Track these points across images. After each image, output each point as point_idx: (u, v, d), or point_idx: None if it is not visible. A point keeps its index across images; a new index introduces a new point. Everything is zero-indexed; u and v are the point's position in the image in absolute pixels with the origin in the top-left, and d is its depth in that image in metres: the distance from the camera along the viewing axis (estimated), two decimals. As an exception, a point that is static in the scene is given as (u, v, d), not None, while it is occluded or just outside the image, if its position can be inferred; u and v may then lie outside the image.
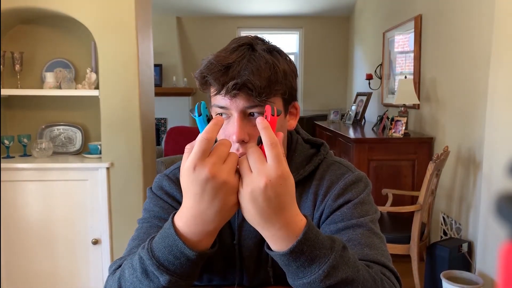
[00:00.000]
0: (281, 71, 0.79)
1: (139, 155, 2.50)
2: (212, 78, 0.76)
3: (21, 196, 2.43)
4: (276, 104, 0.80)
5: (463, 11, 2.73)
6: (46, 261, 2.47)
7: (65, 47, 2.68)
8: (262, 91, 0.75)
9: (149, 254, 0.66)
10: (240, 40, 0.81)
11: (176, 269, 0.65)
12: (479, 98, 2.47)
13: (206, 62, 0.78)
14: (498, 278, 0.24)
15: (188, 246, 0.64)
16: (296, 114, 0.89)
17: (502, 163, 2.11)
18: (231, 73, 0.75)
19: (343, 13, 6.24)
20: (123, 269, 0.72)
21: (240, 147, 0.77)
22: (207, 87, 0.80)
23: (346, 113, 4.91)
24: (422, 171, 2.77)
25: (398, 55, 4.03)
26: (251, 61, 0.76)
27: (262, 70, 0.76)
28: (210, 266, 0.90)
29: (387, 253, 0.81)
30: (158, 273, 0.65)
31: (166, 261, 0.65)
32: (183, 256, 0.64)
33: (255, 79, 0.74)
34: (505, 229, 0.24)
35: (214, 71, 0.76)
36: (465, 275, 2.22)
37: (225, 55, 0.77)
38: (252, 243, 0.89)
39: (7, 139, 2.51)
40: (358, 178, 0.88)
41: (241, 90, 0.75)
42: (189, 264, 0.65)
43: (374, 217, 0.84)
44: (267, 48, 0.80)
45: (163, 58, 5.78)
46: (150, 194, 0.91)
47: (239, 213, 0.88)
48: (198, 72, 0.79)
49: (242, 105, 0.76)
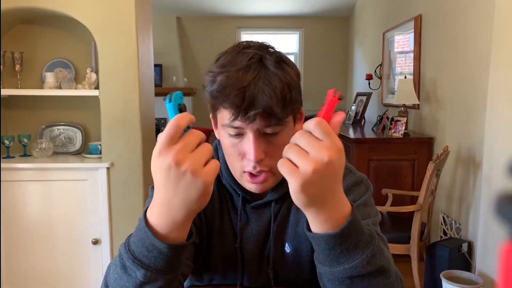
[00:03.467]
0: (295, 88, 0.78)
1: (139, 155, 2.50)
2: (229, 104, 0.73)
3: (21, 196, 2.43)
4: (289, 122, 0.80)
5: (463, 11, 2.73)
6: (46, 261, 2.47)
7: (65, 47, 2.69)
8: (281, 115, 0.75)
9: (126, 248, 0.65)
10: (248, 53, 0.76)
11: (151, 263, 0.62)
12: (479, 98, 2.47)
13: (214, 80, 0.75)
14: (498, 278, 0.24)
15: (158, 238, 0.61)
16: (301, 118, 0.89)
17: (502, 163, 2.11)
18: (248, 97, 0.72)
19: (343, 13, 6.24)
20: (109, 266, 0.72)
21: (257, 166, 0.77)
22: (219, 108, 0.77)
23: (346, 113, 4.91)
24: (422, 171, 2.77)
25: (398, 55, 4.03)
26: (266, 83, 0.73)
27: (278, 91, 0.74)
28: (210, 266, 0.91)
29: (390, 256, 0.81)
30: (134, 267, 0.63)
31: (140, 254, 0.62)
32: (155, 249, 0.61)
33: (273, 104, 0.73)
34: (505, 229, 0.24)
35: (230, 96, 0.73)
36: (465, 275, 2.22)
37: (237, 75, 0.73)
38: (254, 245, 0.89)
39: (7, 139, 2.51)
40: (359, 180, 0.88)
41: (260, 114, 0.74)
42: (162, 257, 0.62)
43: (376, 220, 0.84)
44: (276, 61, 0.77)
45: (163, 58, 5.78)
46: (152, 192, 0.92)
47: (241, 216, 0.89)
48: (209, 94, 0.76)
49: (259, 126, 0.75)
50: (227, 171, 0.88)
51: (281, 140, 0.78)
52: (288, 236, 0.89)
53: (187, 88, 5.92)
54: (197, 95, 6.19)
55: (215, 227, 0.90)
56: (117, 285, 0.67)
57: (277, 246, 0.89)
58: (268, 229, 0.89)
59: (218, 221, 0.90)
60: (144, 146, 2.55)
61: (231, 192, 0.90)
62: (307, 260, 0.88)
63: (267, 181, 0.81)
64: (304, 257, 0.88)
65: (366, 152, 3.12)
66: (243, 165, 0.79)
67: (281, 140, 0.78)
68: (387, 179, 3.09)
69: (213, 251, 0.90)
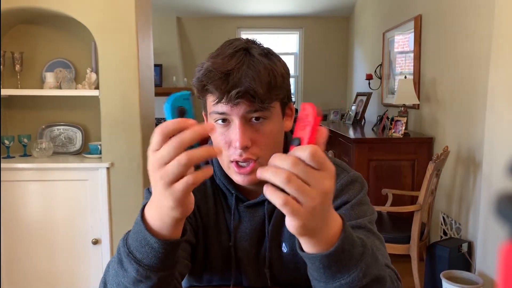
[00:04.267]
0: (280, 75, 0.79)
1: (139, 155, 2.50)
2: (213, 86, 0.75)
3: (21, 196, 2.43)
4: (275, 108, 0.80)
5: (463, 11, 2.73)
6: (46, 261, 2.47)
7: (65, 47, 2.69)
8: (264, 98, 0.75)
9: (124, 241, 0.65)
10: (235, 45, 0.79)
11: (143, 258, 0.62)
12: (479, 98, 2.47)
13: (202, 69, 0.77)
14: (498, 278, 0.24)
15: (151, 233, 0.60)
16: (291, 115, 0.89)
17: (502, 163, 2.11)
18: (232, 80, 0.74)
19: (343, 13, 6.24)
20: (108, 264, 0.72)
21: (243, 153, 0.77)
22: (206, 94, 0.79)
23: (346, 113, 4.91)
24: (422, 171, 2.77)
25: (398, 55, 4.03)
26: (251, 67, 0.75)
27: (262, 76, 0.76)
28: (208, 266, 0.91)
29: (387, 254, 0.81)
30: (127, 261, 0.63)
31: (135, 248, 0.62)
32: (147, 244, 0.61)
33: (256, 85, 0.74)
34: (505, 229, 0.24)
35: (214, 79, 0.75)
36: (465, 275, 2.22)
37: (222, 61, 0.76)
38: (248, 244, 0.89)
39: (7, 139, 2.51)
40: (354, 178, 0.88)
41: (243, 97, 0.75)
42: (153, 253, 0.61)
43: (372, 218, 0.84)
44: (263, 52, 0.80)
45: (163, 58, 5.78)
46: (147, 194, 0.91)
47: (234, 215, 0.89)
48: (196, 80, 0.78)
49: (243, 111, 0.76)
50: (220, 170, 0.88)
51: (268, 128, 0.79)
52: (285, 236, 0.88)
53: (187, 88, 5.92)
54: (197, 95, 6.19)
55: (211, 226, 0.90)
56: (114, 282, 0.67)
57: (274, 246, 0.89)
58: (263, 229, 0.89)
59: (214, 221, 0.90)
60: (144, 146, 2.55)
61: (224, 192, 0.90)
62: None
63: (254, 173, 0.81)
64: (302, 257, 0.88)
65: (366, 152, 3.12)
66: (229, 154, 0.79)
67: (267, 128, 0.79)
68: (387, 179, 3.09)
69: (211, 251, 0.90)
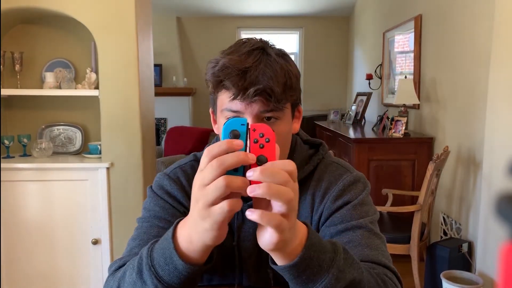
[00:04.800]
0: (294, 77, 0.79)
1: (139, 155, 2.50)
2: (229, 82, 0.75)
3: (21, 196, 2.43)
4: (287, 109, 0.80)
5: (463, 11, 2.73)
6: (46, 261, 2.47)
7: (65, 47, 2.68)
8: (280, 97, 0.75)
9: (148, 252, 0.64)
10: (251, 43, 0.79)
11: (164, 275, 0.61)
12: (479, 98, 2.47)
13: (216, 64, 0.76)
14: (498, 278, 0.24)
15: (178, 253, 0.60)
16: (299, 117, 0.90)
17: (502, 163, 2.11)
18: (249, 78, 0.74)
19: (343, 13, 6.24)
20: (125, 269, 0.71)
21: None
22: (220, 90, 0.78)
23: (346, 113, 4.91)
24: (422, 171, 2.77)
25: (398, 55, 4.03)
26: (268, 66, 0.75)
27: (279, 75, 0.76)
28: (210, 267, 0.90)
29: (388, 254, 0.81)
30: (148, 274, 0.62)
31: (158, 263, 0.62)
32: (172, 263, 0.61)
33: (274, 84, 0.74)
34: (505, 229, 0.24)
35: (231, 75, 0.74)
36: (465, 275, 2.22)
37: (239, 58, 0.75)
38: (251, 244, 0.88)
39: (7, 139, 2.51)
40: (357, 178, 0.88)
41: (260, 95, 0.74)
42: (176, 274, 0.61)
43: (373, 218, 0.84)
44: (280, 52, 0.80)
45: (163, 58, 5.78)
46: (151, 193, 0.91)
47: (238, 214, 0.88)
48: (211, 75, 0.77)
49: (257, 110, 0.76)
50: None
51: (279, 128, 0.78)
52: None
53: (187, 88, 5.92)
54: (197, 95, 6.19)
55: None
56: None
57: None
58: None
59: None
60: (144, 146, 2.55)
61: None
62: None
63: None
64: None
65: (366, 152, 3.12)
66: None
67: (279, 128, 0.78)
68: (387, 179, 3.09)
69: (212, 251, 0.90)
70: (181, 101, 5.95)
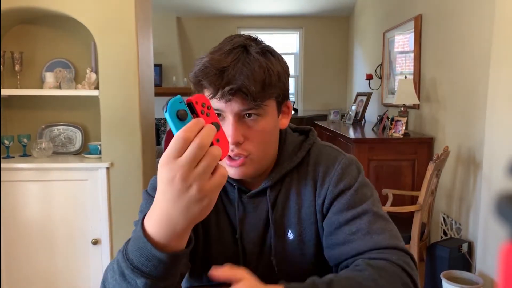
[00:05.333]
0: (275, 74, 0.80)
1: (139, 155, 2.50)
2: (207, 82, 0.77)
3: (21, 196, 2.43)
4: (269, 106, 0.82)
5: (463, 11, 2.73)
6: (46, 261, 2.47)
7: (65, 47, 2.68)
8: (257, 96, 0.77)
9: (124, 256, 0.64)
10: (234, 42, 0.81)
11: (151, 272, 0.61)
12: (479, 98, 2.47)
13: (200, 63, 0.79)
14: (498, 278, 0.24)
15: (158, 248, 0.60)
16: (288, 113, 0.91)
17: (502, 163, 2.11)
18: (226, 77, 0.76)
19: (343, 13, 6.24)
20: (106, 271, 0.71)
21: (235, 148, 0.79)
22: (201, 89, 0.81)
23: (346, 113, 4.91)
24: (422, 171, 2.77)
25: (398, 55, 4.03)
26: (246, 65, 0.77)
27: (257, 74, 0.77)
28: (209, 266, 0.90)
29: (395, 232, 0.83)
30: (133, 275, 0.62)
31: (139, 263, 0.62)
32: (155, 259, 0.60)
33: (250, 83, 0.76)
34: (505, 229, 0.24)
35: (209, 75, 0.76)
36: (465, 275, 2.22)
37: (219, 57, 0.77)
38: (255, 235, 0.89)
39: (7, 139, 2.51)
40: (350, 161, 0.90)
41: (236, 94, 0.76)
42: (162, 266, 0.61)
43: (374, 198, 0.86)
44: (261, 50, 0.81)
45: (163, 58, 5.78)
46: (146, 196, 0.91)
47: (239, 207, 0.89)
48: (193, 74, 0.80)
49: (237, 109, 0.78)
50: None
51: (260, 125, 0.81)
52: (290, 223, 0.89)
53: (187, 88, 5.92)
54: (197, 95, 6.18)
55: (212, 225, 0.90)
56: None
57: (278, 233, 0.89)
58: (268, 218, 0.89)
59: (214, 218, 0.90)
60: (144, 146, 2.55)
61: (225, 186, 0.90)
62: (310, 244, 0.88)
63: (245, 166, 0.82)
64: (308, 241, 0.88)
65: (366, 152, 3.12)
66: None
67: (260, 125, 0.81)
68: (387, 179, 3.09)
69: (211, 249, 0.90)
70: (181, 101, 5.94)
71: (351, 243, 0.80)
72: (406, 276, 0.75)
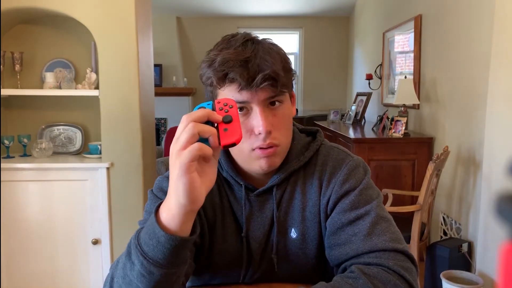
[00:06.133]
0: (290, 61, 0.84)
1: (139, 155, 2.50)
2: (235, 74, 0.76)
3: (21, 196, 2.43)
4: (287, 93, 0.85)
5: (463, 11, 2.73)
6: (46, 261, 2.47)
7: (65, 47, 2.68)
8: (285, 81, 0.79)
9: (137, 233, 0.67)
10: (240, 36, 0.82)
11: (149, 251, 0.63)
12: (479, 98, 2.47)
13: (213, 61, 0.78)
14: (498, 278, 0.24)
15: (160, 226, 0.63)
16: (294, 101, 0.92)
17: (502, 163, 2.11)
18: (252, 67, 0.76)
19: (343, 13, 6.24)
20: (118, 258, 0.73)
21: (267, 138, 0.79)
22: (224, 84, 0.79)
23: (346, 113, 4.91)
24: (422, 171, 2.77)
25: (398, 55, 4.03)
26: (266, 53, 0.78)
27: (277, 61, 0.79)
28: (212, 265, 0.90)
29: (397, 233, 0.83)
30: (135, 253, 0.65)
31: (143, 241, 0.65)
32: (155, 237, 0.63)
33: (277, 68, 0.78)
34: (505, 229, 0.24)
35: (235, 67, 0.76)
36: (465, 275, 2.22)
37: (236, 51, 0.78)
38: (261, 233, 0.89)
39: (7, 139, 2.51)
40: (357, 163, 0.90)
41: (267, 81, 0.77)
42: (159, 247, 0.63)
43: (379, 200, 0.87)
44: (269, 41, 0.84)
45: (163, 58, 5.78)
46: (151, 196, 0.91)
47: (245, 206, 0.89)
48: (213, 70, 0.78)
49: (264, 97, 0.78)
50: (226, 163, 0.88)
51: (284, 111, 0.83)
52: (294, 221, 0.89)
53: (187, 88, 5.92)
54: (197, 95, 6.18)
55: (217, 223, 0.90)
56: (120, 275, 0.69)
57: (282, 231, 0.89)
58: (272, 216, 0.89)
59: (220, 217, 0.90)
60: (144, 146, 2.55)
61: (231, 184, 0.90)
62: (313, 244, 0.88)
63: (275, 156, 0.83)
64: (311, 241, 0.88)
65: (366, 152, 3.12)
66: (251, 142, 0.80)
67: (283, 111, 0.82)
68: (387, 179, 3.09)
69: (215, 248, 0.90)
70: (181, 101, 5.95)
71: (350, 244, 0.81)
72: (403, 282, 0.74)
